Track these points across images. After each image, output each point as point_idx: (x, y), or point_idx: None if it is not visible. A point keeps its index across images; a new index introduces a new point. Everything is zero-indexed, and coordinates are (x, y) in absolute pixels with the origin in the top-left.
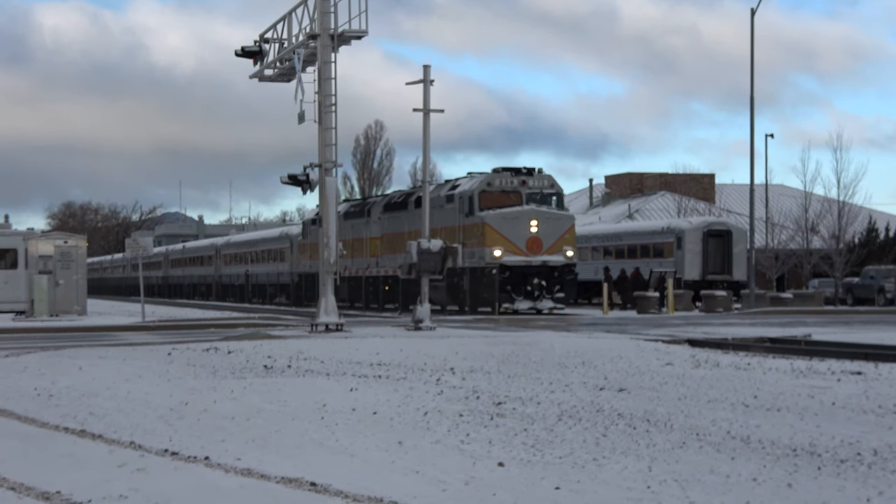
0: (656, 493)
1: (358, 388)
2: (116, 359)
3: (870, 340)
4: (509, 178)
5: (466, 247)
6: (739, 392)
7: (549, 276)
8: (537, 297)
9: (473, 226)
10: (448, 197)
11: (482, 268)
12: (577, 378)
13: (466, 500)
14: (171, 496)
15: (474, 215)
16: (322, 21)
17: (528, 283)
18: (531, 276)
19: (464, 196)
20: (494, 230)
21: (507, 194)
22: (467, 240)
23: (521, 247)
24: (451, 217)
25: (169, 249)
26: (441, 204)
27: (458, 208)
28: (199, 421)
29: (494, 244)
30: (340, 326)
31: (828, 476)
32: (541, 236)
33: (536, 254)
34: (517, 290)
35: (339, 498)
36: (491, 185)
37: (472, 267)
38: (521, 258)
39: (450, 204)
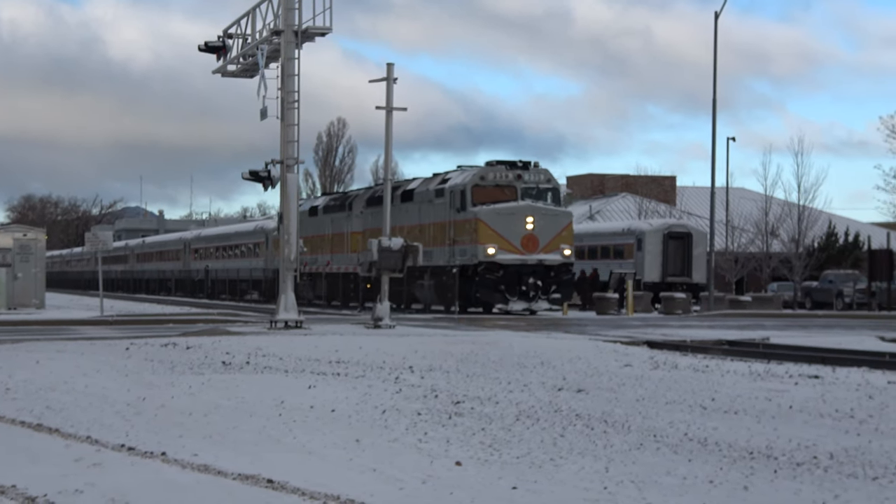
0: (613, 494)
1: (316, 386)
2: (74, 353)
3: (828, 344)
4: (504, 171)
5: (457, 244)
6: (697, 394)
7: (545, 275)
8: (532, 298)
9: (465, 222)
10: (438, 191)
11: (474, 266)
12: (536, 378)
13: (423, 499)
14: (128, 491)
15: (466, 210)
16: (286, 17)
17: (522, 283)
18: (526, 275)
19: (455, 190)
20: (488, 226)
21: (501, 189)
22: (458, 236)
23: (517, 244)
24: (441, 212)
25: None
26: (430, 198)
27: (449, 203)
28: (156, 416)
29: (488, 241)
30: (300, 323)
31: (784, 479)
32: (537, 234)
33: (532, 252)
34: (511, 291)
35: (296, 495)
36: (484, 179)
37: (462, 265)
38: (515, 256)
39: (439, 198)
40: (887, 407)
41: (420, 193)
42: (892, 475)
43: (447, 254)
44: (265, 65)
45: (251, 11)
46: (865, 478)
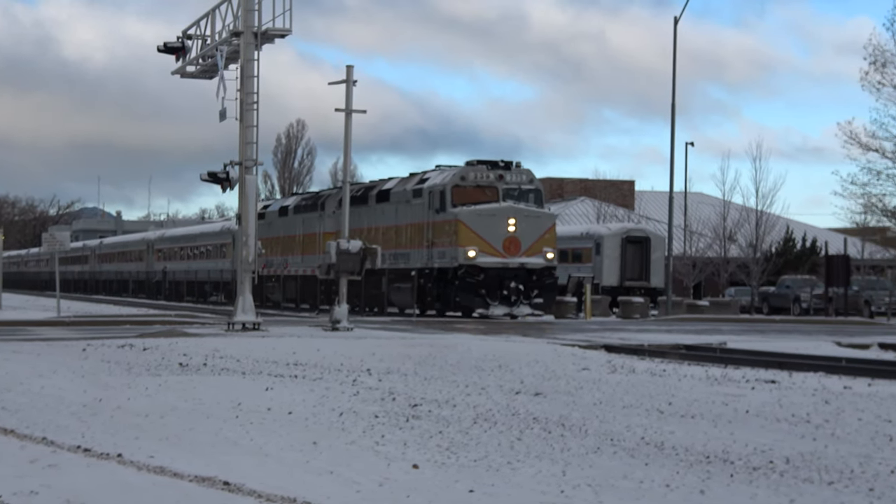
0: (570, 498)
1: (273, 388)
2: (30, 354)
3: (784, 349)
4: (485, 171)
5: (436, 246)
6: (654, 398)
7: (527, 279)
8: (514, 303)
9: (445, 223)
10: (415, 191)
11: (454, 269)
12: (494, 381)
13: (380, 502)
14: (83, 493)
15: (446, 212)
16: (246, 19)
17: (504, 288)
18: (508, 279)
19: (434, 191)
20: (469, 228)
21: (482, 189)
22: (437, 238)
23: (498, 247)
24: (419, 213)
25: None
26: (407, 199)
27: (428, 204)
28: (112, 418)
29: (468, 243)
30: (258, 325)
31: (740, 483)
32: (519, 236)
33: (514, 255)
34: (492, 295)
35: (253, 497)
36: (465, 179)
37: (441, 268)
38: (497, 259)
39: (417, 199)
40: (843, 412)
41: (396, 193)
42: (848, 480)
43: (425, 256)
44: (224, 66)
45: (210, 12)
46: (821, 483)
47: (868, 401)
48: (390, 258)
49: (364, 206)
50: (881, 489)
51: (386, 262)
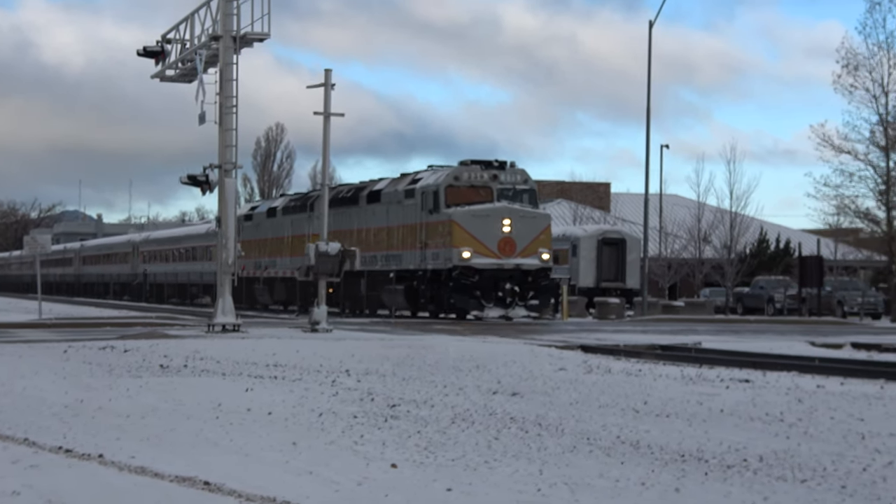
0: (546, 496)
1: (253, 389)
2: (12, 355)
3: (758, 349)
4: (479, 171)
5: (429, 247)
6: (630, 398)
7: (522, 280)
8: (509, 304)
9: (438, 224)
10: (408, 192)
11: (448, 270)
12: (471, 382)
13: (359, 501)
14: (65, 493)
15: (440, 212)
16: (224, 23)
17: (499, 289)
18: (503, 280)
19: (427, 191)
20: (463, 229)
21: (476, 189)
22: (430, 239)
23: (493, 248)
24: (411, 214)
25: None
26: (399, 199)
27: (420, 204)
28: (93, 419)
29: (463, 244)
30: (237, 327)
31: (715, 481)
32: (514, 237)
33: (509, 256)
34: (487, 296)
35: (233, 497)
36: (458, 180)
37: (434, 269)
38: (492, 260)
39: (409, 199)
40: (816, 410)
41: (388, 194)
42: (821, 478)
43: (418, 258)
44: (203, 70)
45: (190, 17)
46: (794, 480)
47: (841, 399)
48: (382, 260)
49: (354, 206)
50: (853, 486)
51: (378, 263)
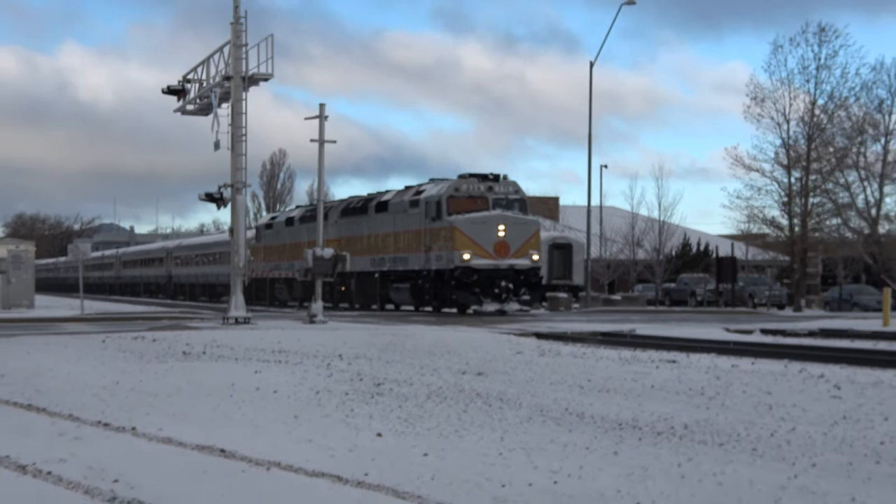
0: (506, 459)
1: (261, 371)
2: (59, 345)
3: (683, 335)
4: (476, 183)
5: (433, 250)
6: (576, 376)
7: (515, 279)
8: (504, 300)
9: (441, 229)
10: (412, 202)
11: (451, 270)
12: (444, 364)
13: (350, 465)
14: (103, 460)
15: (442, 219)
16: (236, 65)
17: (495, 286)
18: (499, 279)
19: (430, 201)
20: (463, 234)
21: (473, 199)
22: (433, 243)
23: (489, 250)
24: (416, 221)
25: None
26: (404, 209)
27: (424, 213)
28: (127, 398)
29: (463, 247)
30: (248, 320)
31: (647, 445)
32: (508, 240)
33: (504, 257)
34: (485, 293)
35: (244, 462)
36: (458, 191)
37: (438, 269)
38: (489, 261)
39: (414, 209)
40: (731, 386)
41: (394, 204)
42: (735, 442)
43: (422, 259)
44: (218, 105)
45: (206, 60)
46: (713, 444)
47: (751, 376)
48: (390, 262)
49: (364, 215)
50: (762, 449)
51: (386, 265)
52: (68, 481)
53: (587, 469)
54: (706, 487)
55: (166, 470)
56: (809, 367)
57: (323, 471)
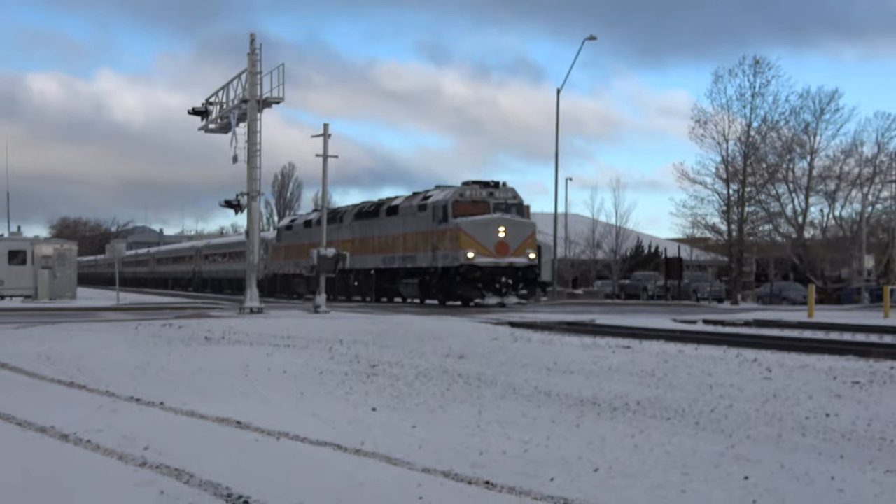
0: (483, 430)
1: (272, 354)
2: (97, 331)
3: (636, 324)
4: (478, 189)
5: (439, 249)
6: (544, 360)
7: (514, 275)
8: (504, 294)
9: (447, 231)
10: (420, 206)
11: (456, 267)
12: (430, 348)
13: (349, 435)
14: (135, 430)
15: (448, 222)
16: (251, 90)
17: (496, 282)
18: (499, 275)
19: (437, 205)
20: (468, 235)
21: (476, 204)
22: (440, 243)
23: (491, 249)
24: (424, 224)
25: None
26: (413, 212)
27: (431, 216)
28: (156, 376)
29: (468, 247)
30: (261, 310)
31: (605, 419)
32: (507, 241)
33: (504, 256)
34: (487, 288)
35: (257, 433)
36: (463, 196)
37: (444, 266)
38: (490, 259)
39: (422, 212)
40: (677, 368)
41: (404, 208)
42: (681, 416)
43: (429, 257)
44: (236, 124)
45: (226, 86)
46: (662, 418)
47: (695, 360)
48: (399, 260)
49: (376, 218)
50: (704, 423)
51: (396, 263)
52: (105, 448)
53: (553, 439)
54: (655, 455)
55: (190, 439)
56: (745, 353)
57: (325, 440)
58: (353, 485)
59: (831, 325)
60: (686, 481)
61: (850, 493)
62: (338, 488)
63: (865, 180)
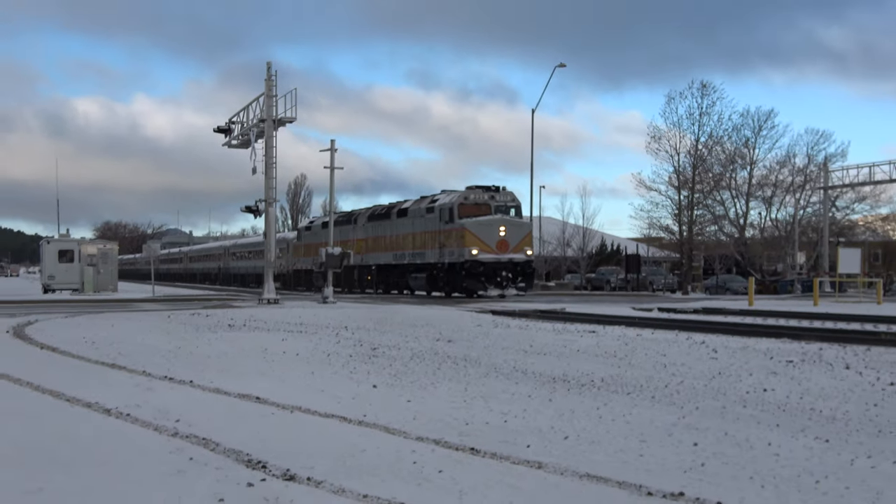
0: (469, 404)
1: (286, 339)
2: (135, 319)
3: (601, 312)
4: (481, 193)
5: (446, 247)
6: (521, 343)
7: (513, 269)
8: (504, 286)
9: (453, 230)
10: (428, 209)
11: (461, 263)
12: (423, 333)
13: (353, 409)
14: (169, 404)
15: (454, 222)
16: (268, 111)
17: (497, 276)
18: (500, 269)
19: (444, 208)
20: (472, 234)
21: (479, 206)
22: (446, 241)
23: (493, 247)
24: (431, 224)
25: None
26: (421, 214)
27: (439, 217)
28: (186, 358)
29: (472, 245)
30: (277, 301)
31: (574, 394)
32: (507, 239)
33: (504, 252)
34: (489, 281)
35: (274, 406)
36: (467, 199)
37: (450, 262)
38: (492, 256)
39: (430, 214)
40: (636, 350)
41: (413, 211)
42: (639, 391)
43: (437, 254)
44: (255, 140)
45: (246, 107)
46: (622, 393)
47: (651, 343)
48: (409, 256)
49: (388, 220)
50: (659, 396)
51: (406, 259)
52: (142, 421)
53: (529, 411)
54: (617, 425)
55: (215, 412)
56: (694, 336)
57: (332, 413)
58: (356, 451)
59: (768, 311)
60: (644, 447)
61: (785, 456)
62: (344, 454)
63: (797, 187)
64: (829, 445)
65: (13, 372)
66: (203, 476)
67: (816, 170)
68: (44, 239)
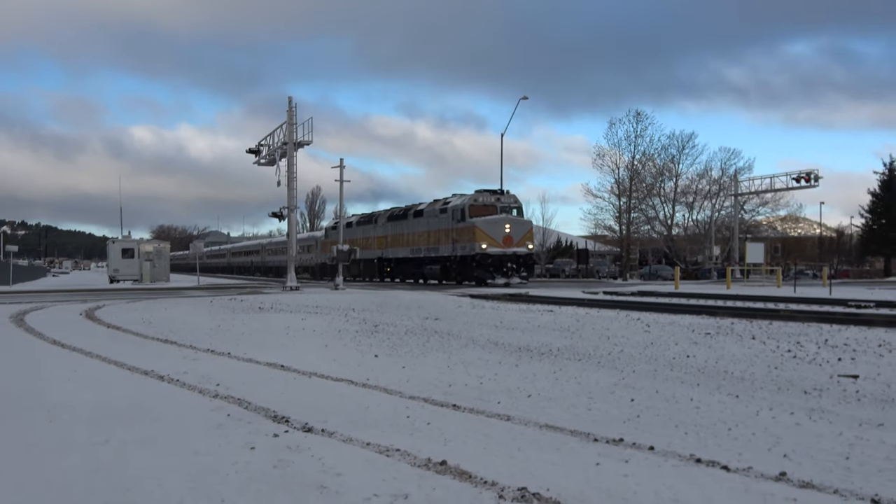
0: (452, 369)
1: (305, 318)
2: (184, 304)
3: (557, 295)
4: (488, 195)
5: (458, 242)
6: (494, 320)
7: (517, 261)
8: (509, 276)
9: (465, 228)
10: (441, 210)
11: (472, 256)
12: (415, 313)
13: (359, 373)
14: (211, 372)
15: (465, 221)
16: (289, 136)
17: (503, 267)
18: (506, 261)
19: (456, 208)
20: (482, 231)
21: (487, 207)
22: (458, 237)
23: (500, 242)
24: (445, 223)
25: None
26: (436, 214)
27: (451, 217)
28: (225, 335)
29: (482, 240)
30: (298, 288)
31: (536, 361)
32: (512, 235)
33: (509, 247)
34: (496, 271)
35: (295, 373)
36: (476, 201)
37: (462, 255)
38: (499, 250)
39: (443, 214)
40: (585, 325)
41: (428, 212)
42: (588, 358)
43: (450, 249)
44: (279, 159)
45: (272, 133)
46: (574, 360)
47: (598, 319)
48: (425, 251)
49: (405, 220)
50: (604, 363)
51: (422, 253)
52: (189, 385)
53: (500, 375)
54: (570, 385)
55: (248, 378)
56: (632, 314)
57: (342, 377)
58: (361, 408)
59: (691, 293)
60: (591, 402)
61: (704, 409)
62: (351, 410)
63: (713, 194)
64: (739, 400)
65: (86, 346)
66: (238, 428)
67: (728, 180)
68: (110, 239)
